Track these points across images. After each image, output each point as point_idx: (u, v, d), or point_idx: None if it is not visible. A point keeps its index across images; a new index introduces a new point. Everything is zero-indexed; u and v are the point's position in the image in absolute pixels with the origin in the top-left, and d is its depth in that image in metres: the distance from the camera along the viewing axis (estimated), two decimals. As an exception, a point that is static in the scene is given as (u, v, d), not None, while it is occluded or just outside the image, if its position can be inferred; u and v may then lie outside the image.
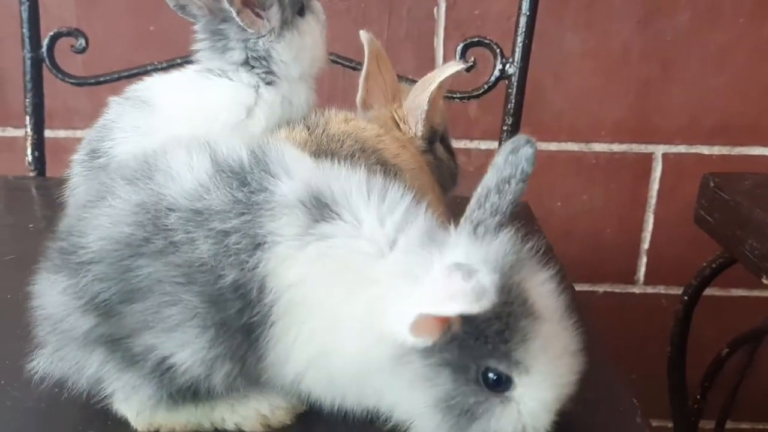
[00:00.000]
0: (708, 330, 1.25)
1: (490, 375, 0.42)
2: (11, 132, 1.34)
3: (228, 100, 0.62)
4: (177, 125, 0.62)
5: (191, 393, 0.46)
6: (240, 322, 0.43)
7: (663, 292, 1.42)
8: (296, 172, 0.47)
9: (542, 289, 0.44)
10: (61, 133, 1.33)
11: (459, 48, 1.02)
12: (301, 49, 0.64)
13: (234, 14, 0.58)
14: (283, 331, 0.44)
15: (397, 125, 0.70)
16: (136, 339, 0.45)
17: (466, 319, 0.41)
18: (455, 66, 0.67)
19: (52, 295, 0.47)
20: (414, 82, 0.71)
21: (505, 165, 0.44)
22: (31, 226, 0.88)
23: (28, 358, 0.53)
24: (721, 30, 1.24)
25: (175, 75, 0.67)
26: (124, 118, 0.65)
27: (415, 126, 0.69)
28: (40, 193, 1.03)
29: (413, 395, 0.43)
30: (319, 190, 0.46)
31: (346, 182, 0.47)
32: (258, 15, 0.60)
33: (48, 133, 1.28)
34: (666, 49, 1.26)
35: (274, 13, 0.61)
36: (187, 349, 0.44)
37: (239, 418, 0.48)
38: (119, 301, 0.44)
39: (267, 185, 0.45)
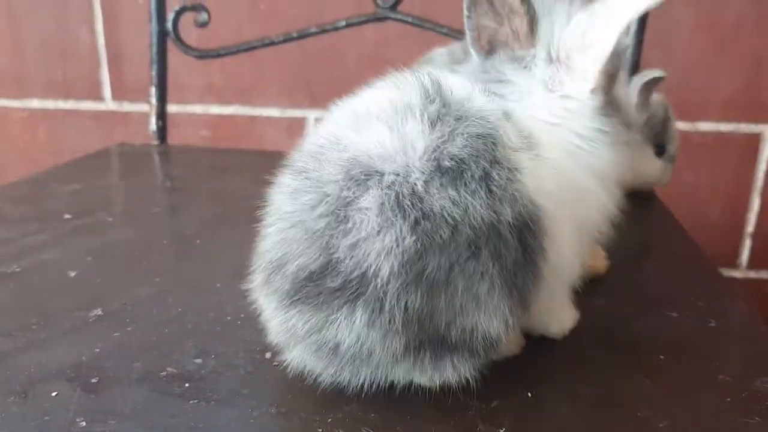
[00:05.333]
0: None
1: None
2: (127, 106, 1.41)
3: None
4: None
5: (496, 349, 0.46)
6: (521, 256, 0.42)
7: (766, 277, 1.38)
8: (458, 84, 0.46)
9: None
10: (173, 108, 1.39)
11: (573, 20, 1.01)
12: None
13: None
14: (559, 232, 0.44)
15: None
16: (451, 330, 0.42)
17: None
18: None
19: (349, 330, 0.42)
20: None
21: None
22: (167, 184, 0.93)
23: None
24: (842, 4, 1.20)
25: None
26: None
27: None
28: (165, 157, 1.09)
29: None
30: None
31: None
32: None
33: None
34: (781, 25, 1.22)
35: None
36: (497, 315, 0.42)
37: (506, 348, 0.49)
38: (419, 305, 0.41)
39: (472, 107, 0.44)
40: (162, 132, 1.15)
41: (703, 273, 0.67)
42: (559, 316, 0.53)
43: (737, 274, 1.39)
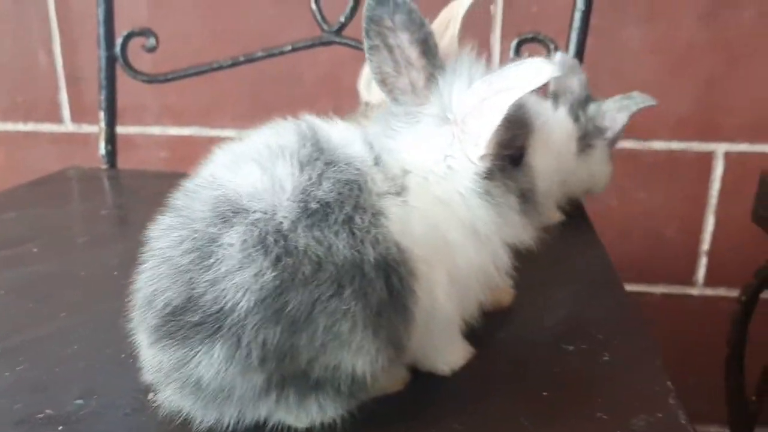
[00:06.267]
0: (769, 333, 1.22)
1: None
2: (86, 128, 1.42)
3: None
4: None
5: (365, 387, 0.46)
6: (388, 296, 0.43)
7: (723, 294, 1.38)
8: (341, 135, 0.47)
9: None
10: (132, 129, 1.40)
11: (513, 44, 1.03)
12: None
13: None
14: (429, 278, 0.45)
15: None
16: (315, 367, 0.43)
17: None
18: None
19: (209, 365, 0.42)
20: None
21: None
22: (103, 212, 0.94)
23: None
24: (788, 25, 1.21)
25: None
26: None
27: None
28: (112, 183, 1.09)
29: None
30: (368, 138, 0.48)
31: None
32: None
33: (119, 129, 1.36)
34: (731, 45, 1.23)
35: None
36: (361, 354, 0.43)
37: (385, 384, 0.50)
38: (278, 341, 0.41)
39: (344, 154, 0.45)
40: (111, 156, 1.15)
41: (613, 302, 0.67)
42: (446, 353, 0.54)
43: (694, 291, 1.39)
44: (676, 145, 1.30)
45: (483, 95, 0.45)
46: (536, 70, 0.43)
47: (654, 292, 1.40)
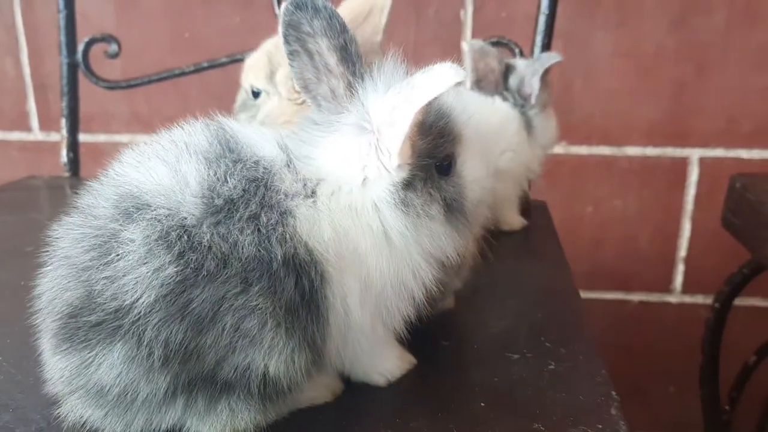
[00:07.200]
0: (745, 341, 1.20)
1: None
2: (54, 137, 1.40)
3: None
4: None
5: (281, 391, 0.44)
6: (299, 296, 0.42)
7: (701, 302, 1.36)
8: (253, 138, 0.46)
9: None
10: (101, 137, 1.38)
11: (478, 48, 1.01)
12: None
13: None
14: (340, 282, 0.44)
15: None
16: (223, 367, 0.41)
17: None
18: None
19: (110, 367, 0.41)
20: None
21: None
22: (58, 219, 0.91)
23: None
24: (759, 29, 1.20)
25: None
26: None
27: None
28: (73, 192, 1.07)
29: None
30: (285, 144, 0.46)
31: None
32: None
33: (88, 137, 1.35)
34: (702, 49, 1.22)
35: None
36: (274, 354, 0.42)
37: (313, 394, 0.49)
38: (182, 340, 0.40)
39: (252, 154, 0.44)
40: (74, 164, 1.13)
41: (565, 310, 0.65)
42: (381, 364, 0.51)
43: (672, 299, 1.37)
44: (650, 151, 1.28)
45: (392, 104, 0.44)
46: (440, 77, 0.41)
47: (632, 300, 1.38)
